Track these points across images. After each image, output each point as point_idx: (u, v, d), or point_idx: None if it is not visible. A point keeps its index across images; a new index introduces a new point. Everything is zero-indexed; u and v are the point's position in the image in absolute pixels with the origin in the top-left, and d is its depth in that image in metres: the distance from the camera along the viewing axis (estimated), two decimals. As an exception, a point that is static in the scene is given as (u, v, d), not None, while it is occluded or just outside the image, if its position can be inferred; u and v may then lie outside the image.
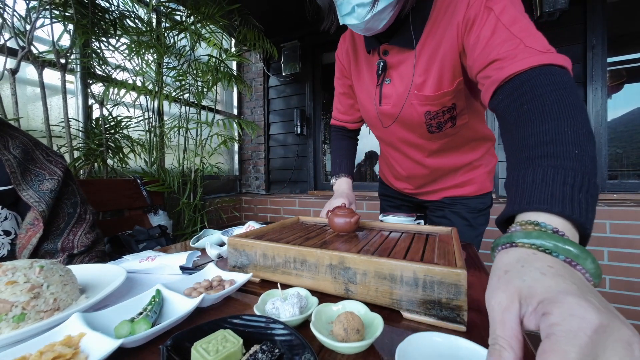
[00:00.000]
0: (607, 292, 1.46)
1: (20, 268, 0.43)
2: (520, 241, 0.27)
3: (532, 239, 0.27)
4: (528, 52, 0.44)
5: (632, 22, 1.68)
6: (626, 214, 1.42)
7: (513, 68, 0.44)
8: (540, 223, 0.28)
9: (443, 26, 0.61)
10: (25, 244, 0.69)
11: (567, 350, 0.18)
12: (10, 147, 0.71)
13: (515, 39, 0.47)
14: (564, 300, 0.20)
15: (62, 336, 0.34)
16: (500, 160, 1.90)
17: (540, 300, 0.21)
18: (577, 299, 0.20)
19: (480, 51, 0.52)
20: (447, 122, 0.72)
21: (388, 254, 0.51)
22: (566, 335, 0.18)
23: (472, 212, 0.86)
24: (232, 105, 2.87)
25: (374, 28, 0.61)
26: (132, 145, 1.68)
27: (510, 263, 0.26)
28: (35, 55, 1.30)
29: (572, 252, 0.25)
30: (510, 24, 0.49)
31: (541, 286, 0.22)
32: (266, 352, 0.30)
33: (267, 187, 2.76)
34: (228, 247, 0.59)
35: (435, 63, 0.64)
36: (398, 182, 0.97)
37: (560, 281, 0.22)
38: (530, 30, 0.47)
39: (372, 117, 0.81)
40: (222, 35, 2.08)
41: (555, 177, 0.31)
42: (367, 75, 0.77)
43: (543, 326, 0.20)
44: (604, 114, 1.67)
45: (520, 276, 0.24)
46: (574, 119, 0.34)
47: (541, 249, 0.26)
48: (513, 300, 0.23)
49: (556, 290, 0.21)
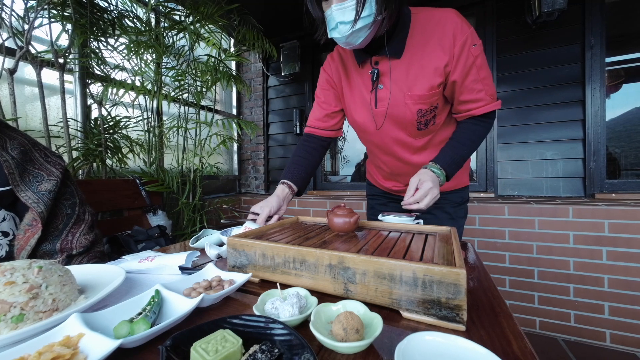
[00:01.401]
0: (605, 291, 1.47)
1: (19, 268, 0.43)
2: (429, 168, 0.80)
3: (430, 167, 0.80)
4: (486, 100, 0.80)
5: (630, 22, 1.69)
6: (625, 213, 1.43)
7: (477, 112, 0.82)
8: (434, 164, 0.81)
9: (423, 42, 0.78)
10: (24, 245, 0.69)
11: (426, 188, 0.74)
12: (8, 148, 0.71)
13: (479, 85, 0.78)
14: (426, 180, 0.75)
15: (61, 337, 0.34)
16: (500, 160, 1.91)
17: (424, 180, 0.76)
18: (429, 182, 0.75)
19: (460, 87, 0.79)
20: (431, 120, 0.85)
21: (387, 254, 0.51)
22: (425, 186, 0.74)
23: (454, 206, 0.98)
24: (232, 105, 2.87)
25: (352, 43, 0.74)
26: (131, 145, 1.67)
27: (421, 172, 0.79)
28: (34, 55, 1.29)
29: (437, 172, 0.79)
30: (479, 67, 0.77)
31: (425, 177, 0.76)
32: (265, 352, 0.30)
33: (266, 187, 2.76)
34: (227, 247, 0.59)
35: (422, 69, 0.78)
36: (387, 182, 1.06)
37: (428, 177, 0.76)
38: (490, 77, 0.80)
39: (365, 121, 0.91)
40: (221, 35, 2.07)
41: (448, 153, 0.82)
42: (361, 84, 0.88)
43: (420, 185, 0.76)
44: (603, 114, 1.68)
45: (421, 175, 0.78)
46: (467, 146, 0.84)
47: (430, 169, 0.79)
48: (420, 181, 0.76)
49: (426, 179, 0.76)
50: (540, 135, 1.81)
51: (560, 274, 1.56)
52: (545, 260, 1.59)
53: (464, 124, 0.84)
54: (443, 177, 0.79)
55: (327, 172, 2.60)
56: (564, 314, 1.55)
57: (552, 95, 1.78)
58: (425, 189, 0.73)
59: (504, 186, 1.91)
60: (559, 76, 1.76)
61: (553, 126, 1.79)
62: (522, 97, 1.84)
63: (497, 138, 1.91)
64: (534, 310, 1.62)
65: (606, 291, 1.47)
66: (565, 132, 1.76)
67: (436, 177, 0.77)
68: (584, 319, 1.52)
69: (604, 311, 1.47)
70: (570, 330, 1.54)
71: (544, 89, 1.79)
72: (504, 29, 1.87)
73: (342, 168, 2.59)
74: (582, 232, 1.51)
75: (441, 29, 0.75)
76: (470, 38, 0.74)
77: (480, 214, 1.72)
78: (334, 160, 2.64)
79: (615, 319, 1.45)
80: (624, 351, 1.43)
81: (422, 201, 0.73)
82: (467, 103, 0.81)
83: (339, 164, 2.62)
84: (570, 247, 1.53)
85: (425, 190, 0.73)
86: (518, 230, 1.64)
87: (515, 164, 1.88)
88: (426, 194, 0.73)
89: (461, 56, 0.75)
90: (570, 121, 1.75)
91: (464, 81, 0.77)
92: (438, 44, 0.75)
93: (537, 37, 1.79)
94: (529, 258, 1.62)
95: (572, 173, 1.76)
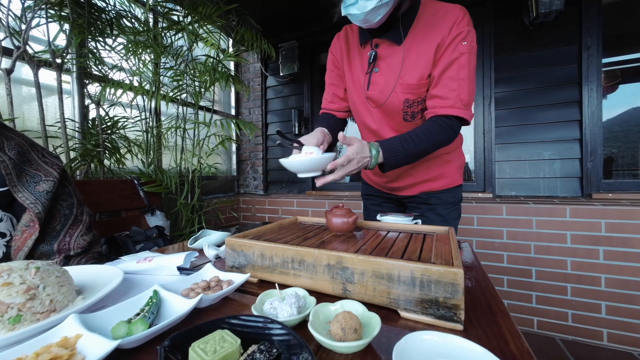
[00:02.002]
0: (602, 290, 1.48)
1: (16, 269, 0.42)
2: (369, 144, 0.73)
3: (371, 144, 0.73)
4: (454, 102, 0.75)
5: (627, 23, 1.70)
6: (621, 213, 1.44)
7: (440, 111, 0.78)
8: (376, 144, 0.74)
9: (425, 33, 0.77)
10: (21, 246, 0.68)
11: (350, 158, 0.69)
12: (5, 148, 0.71)
13: (455, 84, 0.75)
14: (353, 158, 0.70)
15: (58, 337, 0.34)
16: (499, 160, 1.92)
17: (349, 153, 0.70)
18: (356, 156, 0.70)
19: (436, 79, 0.77)
20: (418, 113, 0.85)
21: (386, 254, 0.52)
22: (348, 157, 0.69)
23: (447, 207, 0.96)
24: (230, 105, 2.87)
25: (370, 20, 0.73)
26: (129, 145, 1.67)
27: (358, 145, 0.71)
28: (31, 55, 1.29)
29: (374, 153, 0.73)
30: (461, 66, 0.74)
31: (357, 151, 0.70)
32: (264, 352, 0.30)
33: (265, 188, 2.76)
34: (226, 248, 0.59)
35: (418, 59, 0.78)
36: (376, 177, 1.05)
37: (359, 151, 0.71)
38: (468, 82, 0.75)
39: (358, 103, 0.92)
40: (220, 36, 2.07)
41: (396, 141, 0.75)
42: (359, 65, 0.89)
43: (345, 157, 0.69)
44: (599, 114, 1.69)
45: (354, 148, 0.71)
46: (423, 142, 0.76)
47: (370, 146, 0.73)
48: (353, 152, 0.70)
49: (355, 153, 0.70)
50: (537, 136, 1.82)
51: (558, 274, 1.56)
52: (543, 260, 1.59)
53: (429, 121, 0.79)
54: (375, 160, 0.72)
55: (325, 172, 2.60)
56: (561, 313, 1.56)
57: (549, 95, 1.79)
58: (342, 160, 0.68)
59: (502, 186, 1.92)
60: (556, 77, 1.77)
61: (550, 126, 1.80)
62: (520, 98, 1.85)
63: (495, 138, 1.92)
64: (531, 309, 1.63)
65: (603, 290, 1.48)
66: (562, 132, 1.77)
67: (366, 156, 0.71)
68: (581, 318, 1.52)
69: (601, 310, 1.48)
70: (568, 330, 1.55)
71: (542, 89, 1.80)
72: (502, 30, 1.88)
73: (341, 168, 2.59)
74: (579, 231, 1.52)
75: (442, 20, 0.75)
76: (465, 35, 0.73)
77: (478, 213, 1.72)
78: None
79: (612, 318, 1.46)
80: (621, 350, 1.43)
81: (333, 174, 0.69)
82: (435, 98, 0.78)
83: (337, 164, 2.62)
84: (568, 247, 1.54)
85: (341, 161, 0.68)
86: (516, 230, 1.64)
87: (513, 164, 1.89)
88: (342, 164, 0.68)
89: (448, 47, 0.74)
90: (567, 121, 1.76)
91: (442, 74, 0.76)
92: (436, 35, 0.76)
93: (535, 37, 1.80)
94: (526, 258, 1.63)
95: (569, 173, 1.77)
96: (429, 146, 0.78)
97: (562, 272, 1.56)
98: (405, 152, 0.74)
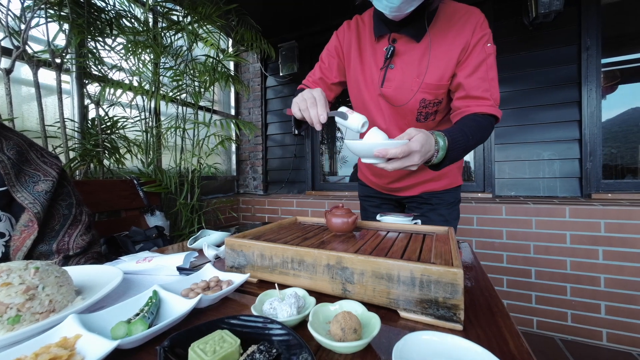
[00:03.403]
0: (602, 290, 1.48)
1: (15, 269, 0.42)
2: (435, 135, 0.64)
3: (437, 135, 0.64)
4: (491, 102, 0.75)
5: (626, 23, 1.70)
6: (620, 213, 1.44)
7: (478, 109, 0.75)
8: (442, 135, 0.65)
9: (444, 32, 0.76)
10: (20, 246, 0.68)
11: (412, 150, 0.58)
12: (4, 148, 0.70)
13: (486, 84, 0.75)
14: (417, 151, 0.58)
15: (57, 338, 0.34)
16: (498, 160, 1.92)
17: (416, 143, 0.58)
18: (420, 149, 0.58)
19: (466, 81, 0.75)
20: (431, 114, 0.83)
21: (385, 254, 0.52)
22: (413, 144, 0.58)
23: (448, 207, 0.96)
24: (230, 105, 2.86)
25: (402, 10, 0.69)
26: (129, 145, 1.67)
27: (423, 134, 0.60)
28: (30, 54, 1.29)
29: (440, 143, 0.64)
30: (489, 67, 0.75)
31: (422, 142, 0.59)
32: (264, 352, 0.30)
33: (264, 188, 2.76)
34: (226, 248, 0.59)
35: (439, 59, 0.76)
36: (377, 178, 1.02)
37: (425, 142, 0.59)
38: (495, 81, 0.76)
39: (368, 99, 0.88)
40: (220, 36, 2.07)
41: (457, 133, 0.68)
42: (372, 60, 0.84)
43: (409, 145, 0.58)
44: (599, 114, 1.69)
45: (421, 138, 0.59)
46: (475, 136, 0.71)
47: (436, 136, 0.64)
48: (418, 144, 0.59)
49: (420, 145, 0.58)
50: (537, 136, 1.83)
51: (557, 274, 1.57)
52: (542, 260, 1.59)
53: (469, 117, 0.74)
54: (443, 152, 0.63)
55: (325, 172, 2.60)
56: (561, 313, 1.56)
57: (549, 95, 1.79)
58: (406, 149, 0.57)
59: (502, 186, 1.92)
60: (556, 77, 1.77)
61: (550, 127, 1.80)
62: (520, 98, 1.85)
63: (494, 138, 1.92)
64: (531, 309, 1.63)
65: (602, 290, 1.48)
66: (561, 132, 1.78)
67: (431, 150, 0.61)
68: (580, 318, 1.53)
69: (600, 310, 1.48)
70: (567, 330, 1.55)
71: (541, 89, 1.80)
72: (502, 30, 1.88)
73: (341, 168, 2.59)
74: (578, 231, 1.52)
75: (464, 22, 0.75)
76: (488, 37, 0.75)
77: (478, 214, 1.72)
78: (333, 161, 2.65)
79: (611, 318, 1.46)
80: (620, 350, 1.44)
81: (392, 163, 0.59)
82: (468, 99, 0.76)
83: (337, 164, 2.62)
84: (567, 247, 1.54)
85: (405, 151, 0.56)
86: (515, 230, 1.65)
87: (513, 164, 1.89)
88: (404, 154, 0.57)
89: (475, 49, 0.74)
90: (566, 122, 1.76)
91: (472, 76, 0.75)
92: (457, 36, 0.75)
93: (534, 38, 1.81)
94: (526, 258, 1.63)
95: (568, 173, 1.77)
96: (478, 141, 0.73)
97: (562, 272, 1.56)
98: (464, 146, 0.68)
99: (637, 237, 1.41)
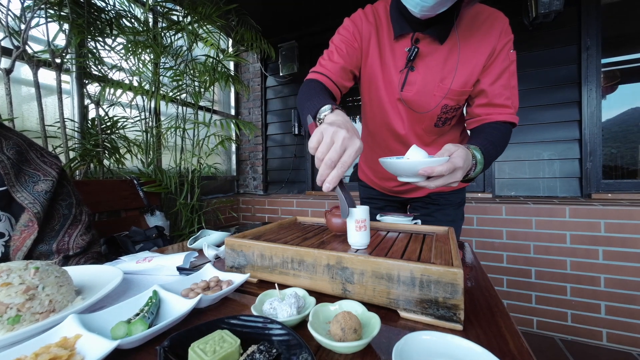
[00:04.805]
0: (602, 290, 1.48)
1: (15, 270, 0.42)
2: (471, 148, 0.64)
3: (473, 149, 0.64)
4: (512, 110, 0.75)
5: (626, 23, 1.70)
6: (620, 213, 1.44)
7: (499, 117, 0.75)
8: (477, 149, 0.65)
9: (469, 34, 0.72)
10: (20, 246, 0.68)
11: (452, 166, 0.55)
12: (3, 148, 0.70)
13: (508, 92, 0.74)
14: (460, 167, 0.56)
15: (57, 338, 0.34)
16: (498, 160, 1.92)
17: (459, 159, 0.56)
18: (462, 164, 0.56)
19: (489, 88, 0.73)
20: (449, 120, 0.80)
21: (385, 254, 0.52)
22: (456, 160, 0.55)
23: (454, 208, 0.96)
24: (230, 105, 2.86)
25: (435, 10, 0.63)
26: (129, 145, 1.67)
27: (461, 150, 0.58)
28: (30, 54, 1.29)
29: (477, 157, 0.63)
30: (512, 74, 0.74)
31: (464, 158, 0.57)
32: (264, 352, 0.30)
33: (264, 188, 2.76)
34: (225, 248, 0.59)
35: (464, 64, 0.72)
36: (384, 182, 0.99)
37: (466, 158, 0.58)
38: (516, 88, 0.76)
39: (387, 102, 0.80)
40: (220, 36, 2.07)
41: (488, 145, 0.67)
42: (391, 60, 0.77)
43: (452, 162, 0.55)
44: (599, 115, 1.69)
45: (462, 154, 0.58)
46: (502, 145, 0.72)
47: (473, 150, 0.64)
48: (460, 160, 0.56)
49: (462, 160, 0.56)
50: (537, 136, 1.83)
51: (557, 274, 1.57)
52: (542, 260, 1.59)
53: (492, 125, 0.74)
54: (481, 166, 0.63)
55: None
56: (561, 313, 1.56)
57: (548, 96, 1.79)
58: (451, 166, 0.54)
59: (502, 186, 1.92)
60: (556, 77, 1.77)
61: (550, 127, 1.80)
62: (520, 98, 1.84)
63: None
64: (531, 309, 1.63)
65: (602, 290, 1.48)
66: (561, 132, 1.78)
67: (470, 164, 0.61)
68: (580, 318, 1.53)
69: (600, 310, 1.48)
70: (567, 330, 1.55)
71: (541, 89, 1.80)
72: (501, 30, 1.88)
73: (341, 168, 2.59)
74: (578, 231, 1.52)
75: (489, 25, 0.71)
76: (512, 42, 0.72)
77: (478, 214, 1.72)
78: (333, 161, 2.64)
79: (611, 318, 1.46)
80: (620, 350, 1.44)
81: (435, 180, 0.56)
82: (490, 107, 0.74)
83: (337, 164, 2.62)
84: (567, 247, 1.54)
85: (450, 168, 0.54)
86: (515, 230, 1.65)
87: (513, 164, 1.89)
88: (449, 172, 0.55)
89: (500, 55, 0.71)
90: (566, 122, 1.76)
91: (495, 83, 0.72)
92: (483, 40, 0.71)
93: (534, 38, 1.80)
94: (526, 258, 1.63)
95: (568, 173, 1.77)
96: (502, 150, 0.72)
97: (562, 272, 1.56)
98: (494, 156, 0.69)
99: (637, 237, 1.41)
